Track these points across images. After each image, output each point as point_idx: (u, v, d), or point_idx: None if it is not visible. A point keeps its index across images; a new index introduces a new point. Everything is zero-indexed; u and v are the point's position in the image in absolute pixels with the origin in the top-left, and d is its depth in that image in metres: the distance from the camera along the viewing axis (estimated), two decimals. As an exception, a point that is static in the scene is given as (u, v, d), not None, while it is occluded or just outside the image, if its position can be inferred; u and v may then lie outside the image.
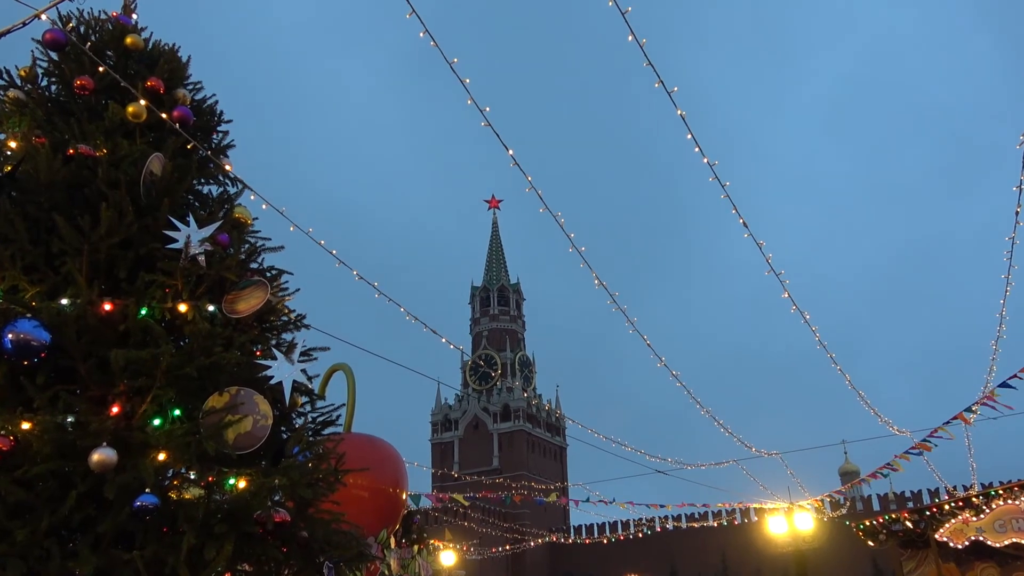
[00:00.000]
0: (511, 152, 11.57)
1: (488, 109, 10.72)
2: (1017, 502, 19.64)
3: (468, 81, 10.15)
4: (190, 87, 7.64)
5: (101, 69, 6.92)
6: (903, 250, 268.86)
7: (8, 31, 6.64)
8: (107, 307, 5.85)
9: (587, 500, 38.75)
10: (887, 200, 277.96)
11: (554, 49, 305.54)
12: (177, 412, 5.84)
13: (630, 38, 9.99)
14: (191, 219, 6.45)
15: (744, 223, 14.41)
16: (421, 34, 9.47)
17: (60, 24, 7.04)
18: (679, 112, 11.38)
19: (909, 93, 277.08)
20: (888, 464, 26.56)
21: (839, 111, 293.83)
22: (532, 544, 68.45)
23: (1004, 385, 19.65)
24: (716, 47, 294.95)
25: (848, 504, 64.34)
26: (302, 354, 6.95)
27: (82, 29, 7.25)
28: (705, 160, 12.50)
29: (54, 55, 7.08)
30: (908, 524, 21.52)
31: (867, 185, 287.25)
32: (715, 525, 73.31)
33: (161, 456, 5.52)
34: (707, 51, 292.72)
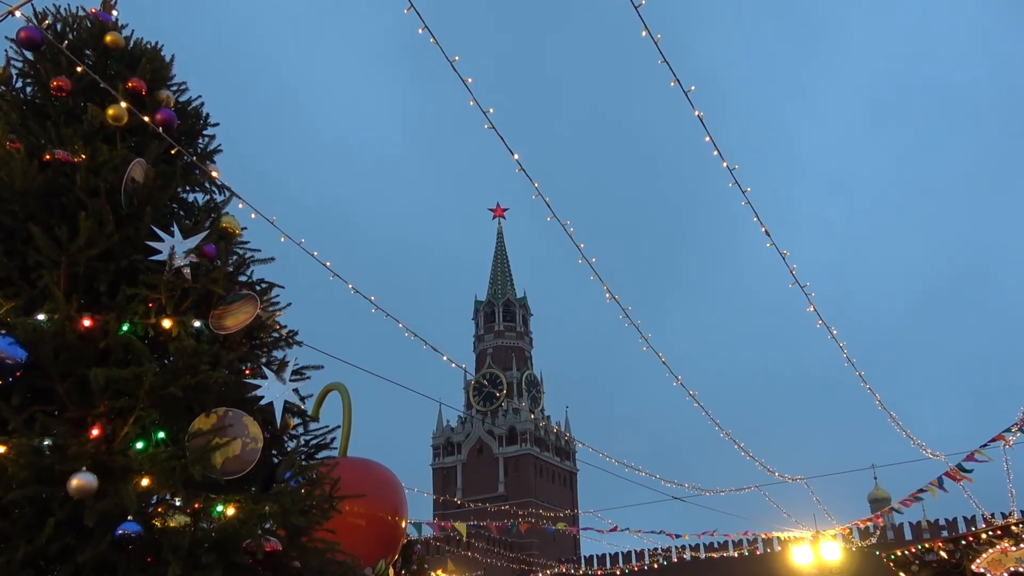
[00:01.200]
0: (516, 156, 11.59)
1: (492, 111, 10.75)
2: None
3: (471, 81, 10.18)
4: (174, 88, 7.66)
5: (79, 69, 6.94)
6: (946, 255, 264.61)
7: (-19, 30, 6.67)
8: (87, 323, 5.85)
9: (599, 531, 38.75)
10: (929, 201, 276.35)
11: (562, 44, 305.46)
12: (161, 435, 5.83)
13: (644, 33, 10.02)
14: (175, 229, 6.46)
15: (766, 231, 14.42)
16: (420, 30, 9.50)
17: (36, 21, 7.06)
18: (696, 113, 11.42)
19: (956, 84, 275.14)
20: (921, 491, 26.51)
21: (878, 102, 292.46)
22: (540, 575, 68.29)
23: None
24: (738, 31, 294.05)
25: (878, 533, 64.14)
26: (294, 373, 6.94)
27: (59, 27, 7.27)
28: (724, 164, 12.52)
29: (29, 55, 7.10)
30: (943, 554, 21.52)
31: (907, 184, 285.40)
32: (735, 555, 72.89)
33: (144, 481, 5.52)
34: (728, 36, 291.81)
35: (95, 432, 5.60)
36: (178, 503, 5.80)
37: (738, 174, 12.68)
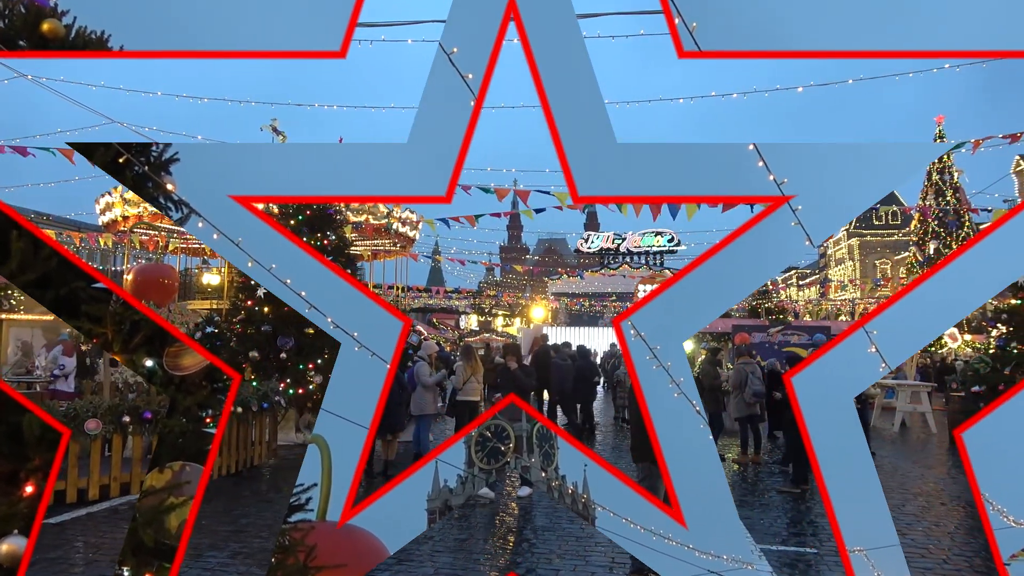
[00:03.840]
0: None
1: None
2: None
3: (471, 76, 10.19)
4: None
5: (13, 64, 6.97)
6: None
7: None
8: (18, 361, 5.83)
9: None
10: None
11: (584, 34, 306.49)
12: (106, 493, 5.81)
13: (677, 20, 10.01)
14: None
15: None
16: None
17: (-39, 9, 7.08)
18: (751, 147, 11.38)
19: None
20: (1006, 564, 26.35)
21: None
22: (555, 663, 67.94)
23: None
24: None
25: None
26: (264, 420, 6.92)
27: (-11, 15, 7.30)
28: (771, 177, 12.50)
29: (-45, 47, 7.12)
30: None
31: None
32: (785, 639, 72.75)
33: (85, 549, 5.49)
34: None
35: (29, 489, 5.57)
36: (127, 573, 5.76)
37: (783, 188, 12.66)
